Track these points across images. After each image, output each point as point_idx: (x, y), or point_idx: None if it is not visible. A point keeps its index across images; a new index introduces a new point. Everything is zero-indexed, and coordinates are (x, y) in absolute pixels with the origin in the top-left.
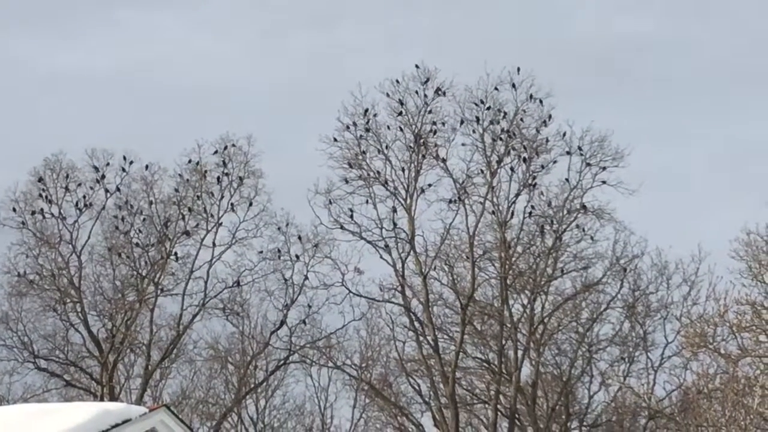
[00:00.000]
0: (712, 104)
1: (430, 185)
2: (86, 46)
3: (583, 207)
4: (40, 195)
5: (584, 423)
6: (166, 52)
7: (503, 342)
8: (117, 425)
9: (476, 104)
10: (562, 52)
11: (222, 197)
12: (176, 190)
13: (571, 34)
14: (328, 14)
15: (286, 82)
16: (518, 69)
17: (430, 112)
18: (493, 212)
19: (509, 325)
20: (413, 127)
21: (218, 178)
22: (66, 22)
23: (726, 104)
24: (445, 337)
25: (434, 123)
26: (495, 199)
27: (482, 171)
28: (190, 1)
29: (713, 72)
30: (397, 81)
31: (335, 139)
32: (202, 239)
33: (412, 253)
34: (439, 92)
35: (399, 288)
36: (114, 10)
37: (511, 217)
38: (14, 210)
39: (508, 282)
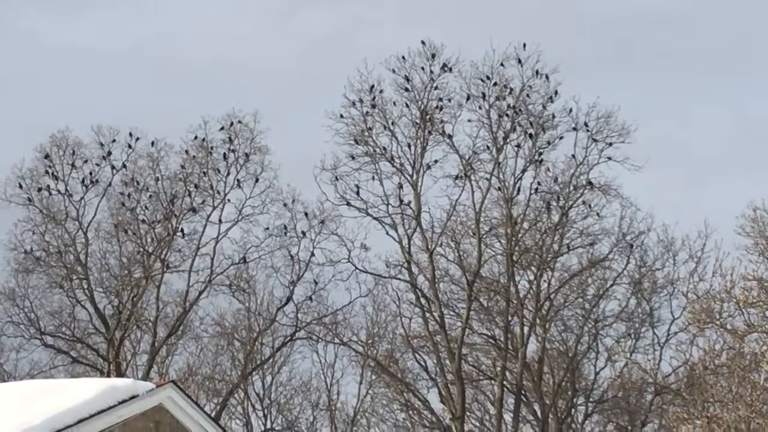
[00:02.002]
0: (722, 79)
1: (436, 161)
2: (94, 21)
3: (590, 183)
4: (47, 172)
5: (590, 399)
6: (174, 27)
7: (509, 318)
8: (124, 401)
9: (482, 80)
10: (570, 27)
11: (228, 174)
12: (182, 167)
13: (580, 7)
14: None
15: (292, 59)
16: (524, 45)
17: (436, 88)
18: (500, 188)
19: (515, 302)
20: (419, 103)
21: (224, 154)
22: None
23: (736, 80)
24: (452, 313)
25: (440, 99)
26: (501, 176)
27: (488, 147)
28: None
29: (725, 47)
30: (403, 57)
31: (341, 116)
32: (209, 216)
33: (418, 229)
34: (446, 68)
35: (405, 264)
36: None
37: (518, 193)
38: (20, 186)
39: (515, 258)
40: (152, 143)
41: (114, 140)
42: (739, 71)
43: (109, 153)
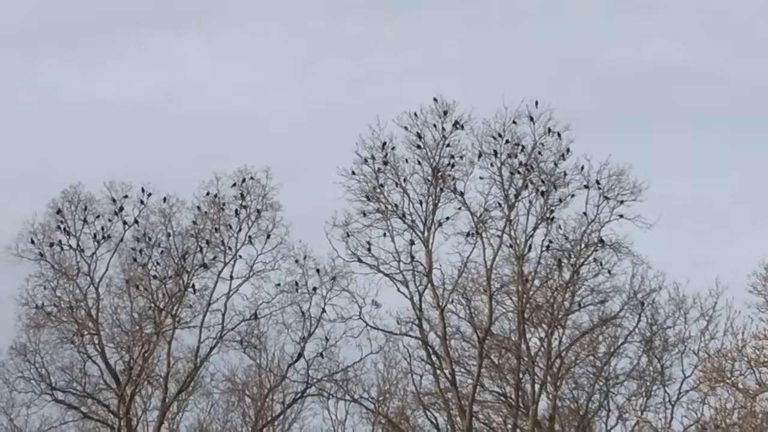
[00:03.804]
0: (735, 136)
1: (447, 218)
2: (111, 73)
3: (601, 241)
4: (59, 227)
5: None
6: (190, 79)
7: (520, 375)
8: None
9: (494, 138)
10: (586, 82)
11: (240, 230)
12: (194, 223)
13: (597, 63)
14: (350, 49)
15: (307, 112)
16: (536, 102)
17: (448, 145)
18: (511, 246)
19: (526, 359)
20: (431, 160)
21: (236, 210)
22: (90, 51)
23: (749, 136)
24: (463, 370)
25: (452, 156)
26: (512, 233)
27: (500, 204)
28: (213, 30)
29: (738, 102)
30: (415, 114)
31: (353, 173)
32: (220, 272)
33: (429, 286)
34: (457, 125)
35: (416, 321)
36: (134, 40)
37: (529, 250)
38: (32, 242)
39: (526, 315)
40: (164, 199)
41: (126, 196)
42: (755, 126)
43: (121, 208)
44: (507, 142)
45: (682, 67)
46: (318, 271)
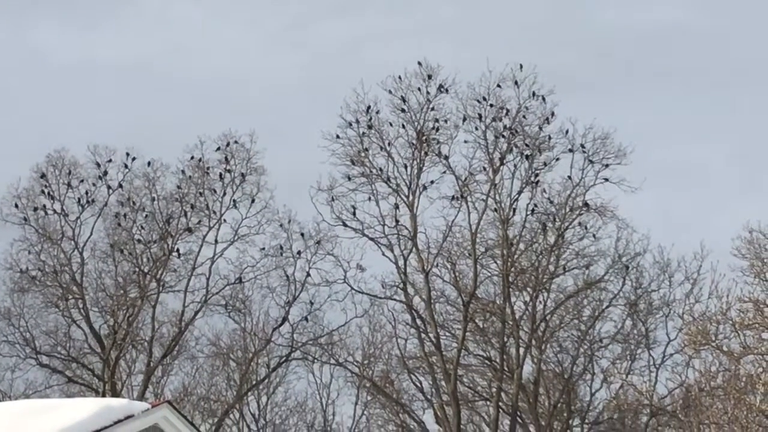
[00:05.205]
0: (723, 100)
1: (432, 182)
2: (100, 36)
3: (586, 204)
4: (43, 191)
5: (586, 421)
6: (179, 41)
7: (505, 339)
8: (119, 421)
9: (479, 101)
10: (569, 45)
11: (224, 194)
12: (178, 187)
13: (580, 25)
14: (330, 9)
15: (293, 77)
16: (521, 66)
17: (432, 109)
18: (496, 209)
19: (511, 323)
20: (416, 124)
21: (220, 174)
22: (81, 12)
23: (738, 100)
24: (447, 334)
25: (437, 120)
26: (497, 197)
27: (484, 168)
28: None
29: (725, 66)
30: (400, 78)
31: (338, 136)
32: (204, 236)
33: (414, 250)
34: (442, 89)
35: (401, 285)
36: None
37: (514, 214)
38: (16, 206)
39: (510, 279)
40: (148, 163)
41: (110, 160)
42: (742, 90)
43: (105, 173)
44: (491, 105)
45: (671, 28)
46: (303, 235)
